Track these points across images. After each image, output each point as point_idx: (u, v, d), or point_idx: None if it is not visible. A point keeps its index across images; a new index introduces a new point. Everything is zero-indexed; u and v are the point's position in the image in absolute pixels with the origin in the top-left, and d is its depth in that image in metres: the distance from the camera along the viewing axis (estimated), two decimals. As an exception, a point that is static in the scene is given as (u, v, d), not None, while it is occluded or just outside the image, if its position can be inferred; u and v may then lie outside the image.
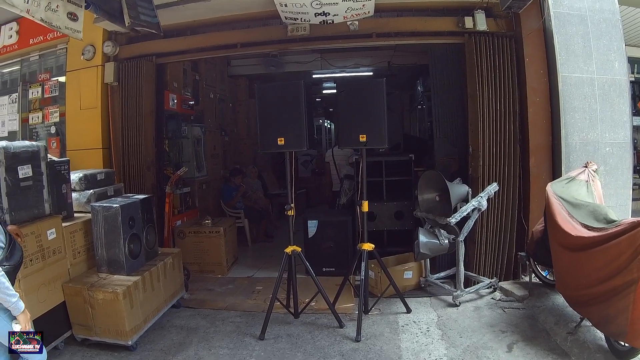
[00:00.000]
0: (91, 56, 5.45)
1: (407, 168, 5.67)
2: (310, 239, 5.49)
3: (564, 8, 4.77)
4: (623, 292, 2.88)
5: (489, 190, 4.42)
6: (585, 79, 4.74)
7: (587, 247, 3.26)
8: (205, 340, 3.93)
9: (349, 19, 4.52)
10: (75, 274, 3.90)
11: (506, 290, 4.62)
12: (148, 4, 4.10)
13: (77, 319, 3.76)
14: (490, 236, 4.81)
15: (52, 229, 3.66)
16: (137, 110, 5.37)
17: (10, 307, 2.45)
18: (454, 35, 4.92)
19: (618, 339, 3.08)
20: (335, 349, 3.70)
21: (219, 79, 8.24)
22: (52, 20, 3.85)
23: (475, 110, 4.75)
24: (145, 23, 4.21)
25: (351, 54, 7.97)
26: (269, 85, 4.19)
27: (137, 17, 4.09)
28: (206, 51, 5.50)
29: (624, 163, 4.83)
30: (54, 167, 3.94)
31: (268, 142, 4.04)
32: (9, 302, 2.44)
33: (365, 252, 4.12)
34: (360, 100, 3.98)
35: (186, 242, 5.73)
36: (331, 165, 6.63)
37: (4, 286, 2.39)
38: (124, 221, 3.93)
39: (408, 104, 11.40)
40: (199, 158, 7.16)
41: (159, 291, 4.18)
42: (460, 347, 3.66)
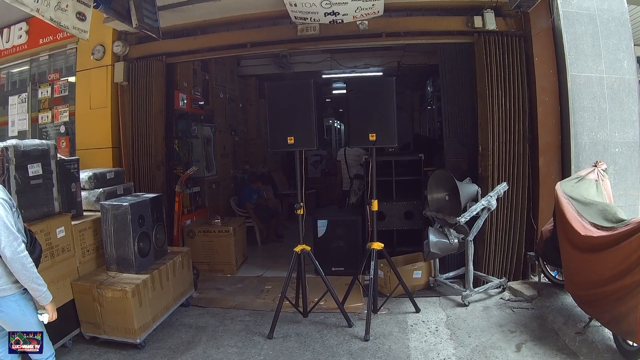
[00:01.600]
0: (101, 56, 5.48)
1: (417, 168, 5.66)
2: (319, 238, 5.49)
3: (572, 7, 4.76)
4: (633, 291, 2.86)
5: (498, 190, 4.41)
6: (595, 78, 4.73)
7: (597, 246, 3.25)
8: (214, 338, 3.94)
9: (358, 18, 4.53)
10: (84, 272, 3.92)
11: (515, 290, 4.60)
12: (151, 7, 4.15)
13: (86, 317, 3.78)
14: (499, 236, 4.80)
15: (62, 227, 3.68)
16: (147, 110, 5.40)
17: (40, 296, 2.53)
18: (463, 35, 4.93)
19: (628, 338, 3.07)
20: (344, 348, 3.70)
21: (229, 79, 8.28)
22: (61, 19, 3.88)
23: (484, 110, 4.76)
24: (147, 26, 4.27)
25: (361, 54, 8.01)
26: (279, 84, 4.20)
27: (142, 20, 4.15)
28: (216, 51, 5.52)
29: (633, 163, 4.82)
30: (63, 166, 3.96)
31: (278, 140, 4.04)
32: (40, 292, 2.52)
33: (375, 252, 4.12)
34: (370, 99, 3.99)
35: (196, 241, 5.76)
36: (342, 164, 6.64)
37: (36, 276, 2.48)
38: (134, 220, 3.94)
39: (418, 104, 11.43)
40: (209, 158, 7.19)
41: (168, 290, 4.19)
42: (468, 346, 3.66)
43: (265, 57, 7.94)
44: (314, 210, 6.90)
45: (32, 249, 2.60)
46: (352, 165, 6.50)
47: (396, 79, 4.08)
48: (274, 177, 8.70)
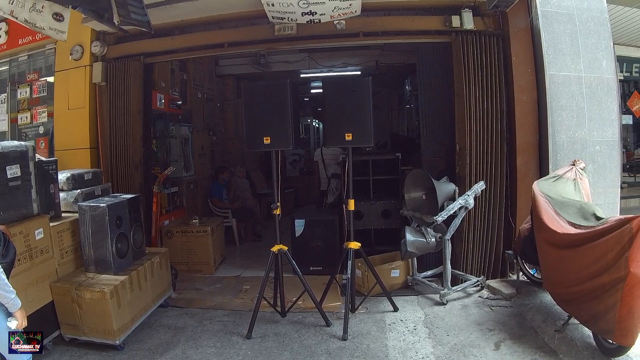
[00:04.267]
0: (79, 56, 5.51)
1: (394, 167, 5.75)
2: (297, 238, 5.57)
3: (551, 7, 4.86)
4: (611, 289, 2.93)
5: (475, 189, 4.51)
6: (573, 77, 4.84)
7: (574, 244, 3.32)
8: (193, 339, 4.00)
9: (335, 18, 4.58)
10: (63, 273, 3.96)
11: (494, 289, 4.70)
12: (138, 3, 4.16)
13: (65, 319, 3.82)
14: (477, 234, 4.90)
15: (40, 229, 3.71)
16: (125, 110, 5.44)
17: (8, 303, 2.51)
18: (441, 34, 5.01)
19: (606, 336, 3.12)
20: (322, 348, 3.76)
21: (207, 79, 8.33)
22: (37, 21, 3.92)
23: (462, 109, 4.84)
24: (136, 21, 4.27)
25: (339, 54, 8.06)
26: (255, 84, 4.27)
27: (128, 16, 4.15)
28: (194, 51, 5.58)
29: (612, 161, 4.93)
30: (42, 167, 4.00)
31: (254, 140, 4.12)
32: (8, 299, 2.50)
33: (352, 251, 4.20)
34: (346, 99, 4.07)
35: (174, 241, 5.82)
36: (320, 164, 6.73)
37: (4, 282, 2.46)
38: (111, 220, 3.99)
39: (397, 103, 11.52)
40: (187, 158, 7.26)
41: (147, 290, 4.26)
42: (447, 345, 3.73)
43: (244, 56, 7.98)
44: (293, 210, 6.98)
45: (5, 252, 2.63)
46: (330, 165, 6.59)
47: (374, 78, 4.16)
48: (252, 177, 8.76)
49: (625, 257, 2.82)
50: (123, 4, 4.11)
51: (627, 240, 2.83)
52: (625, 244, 2.83)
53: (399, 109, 11.51)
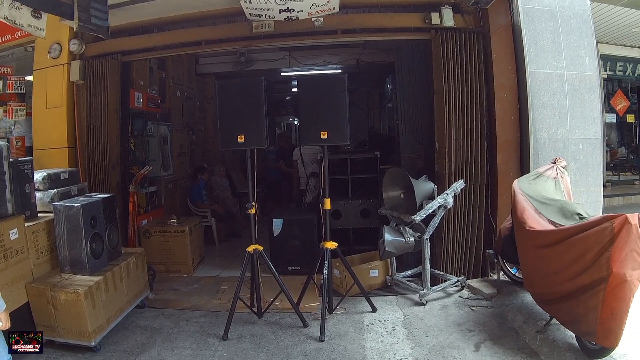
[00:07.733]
0: (57, 54, 5.56)
1: (373, 165, 5.81)
2: (275, 237, 5.62)
3: (533, 4, 4.93)
4: (591, 290, 2.92)
5: (454, 188, 4.55)
6: (555, 74, 4.90)
7: (552, 243, 3.33)
8: (169, 340, 4.04)
9: (313, 15, 4.63)
10: (39, 274, 3.98)
11: (474, 289, 4.75)
12: (102, 6, 4.21)
13: (41, 320, 3.84)
14: (457, 234, 4.96)
15: (15, 229, 3.73)
16: (102, 109, 5.49)
17: None
18: (420, 32, 5.07)
19: (588, 338, 3.13)
20: (299, 349, 3.80)
21: (186, 77, 8.41)
22: (16, 18, 3.98)
23: (441, 107, 4.89)
24: (95, 27, 4.32)
25: (320, 52, 8.11)
26: (229, 82, 4.34)
27: (88, 21, 4.20)
28: (171, 49, 5.62)
29: (595, 159, 5.00)
30: (17, 167, 4.02)
31: (228, 139, 4.17)
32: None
33: (328, 251, 4.25)
34: (321, 97, 4.12)
35: (152, 241, 5.87)
36: (299, 163, 6.79)
37: None
38: (86, 221, 4.03)
39: (378, 102, 11.60)
40: (165, 157, 7.33)
41: (122, 291, 4.30)
42: (426, 346, 3.75)
43: (224, 55, 8.06)
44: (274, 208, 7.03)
45: None
46: (308, 164, 6.64)
47: (355, 77, 4.22)
48: (232, 176, 8.82)
49: (607, 257, 2.80)
50: (86, 7, 4.15)
51: (608, 240, 2.81)
52: (605, 243, 2.81)
53: (380, 108, 11.60)
